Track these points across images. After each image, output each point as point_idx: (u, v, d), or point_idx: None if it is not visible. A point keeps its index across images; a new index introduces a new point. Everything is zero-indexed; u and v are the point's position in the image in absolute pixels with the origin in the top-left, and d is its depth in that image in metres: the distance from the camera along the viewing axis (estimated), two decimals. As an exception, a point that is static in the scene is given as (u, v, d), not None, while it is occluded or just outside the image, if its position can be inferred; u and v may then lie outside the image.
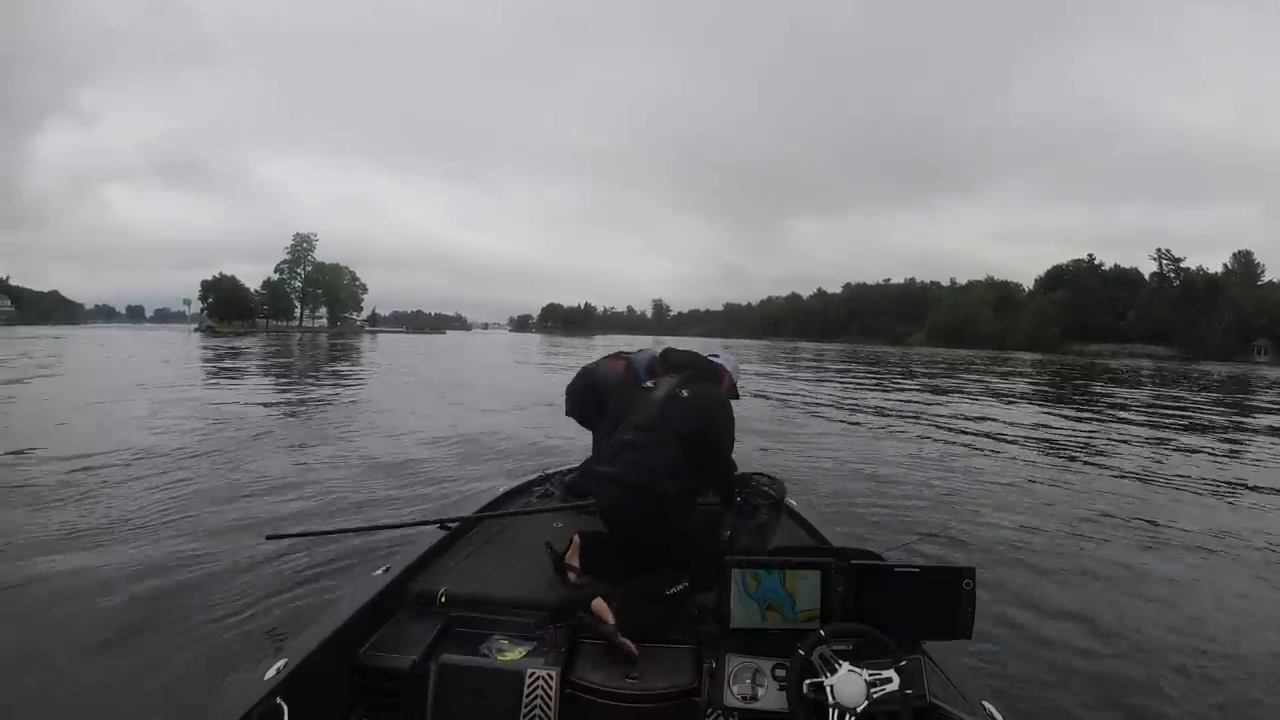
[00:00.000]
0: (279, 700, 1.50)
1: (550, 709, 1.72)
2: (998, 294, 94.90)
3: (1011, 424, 11.20)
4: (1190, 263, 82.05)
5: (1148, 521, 5.26)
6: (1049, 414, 13.27)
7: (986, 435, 9.80)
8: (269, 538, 3.07)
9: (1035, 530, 4.89)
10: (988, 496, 5.94)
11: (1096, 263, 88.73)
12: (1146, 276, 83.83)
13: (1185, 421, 12.39)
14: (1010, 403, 14.88)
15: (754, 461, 6.27)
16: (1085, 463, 7.85)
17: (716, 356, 2.77)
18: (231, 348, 32.87)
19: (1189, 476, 7.02)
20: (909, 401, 14.59)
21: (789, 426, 10.03)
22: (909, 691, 1.49)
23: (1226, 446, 9.76)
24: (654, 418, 2.35)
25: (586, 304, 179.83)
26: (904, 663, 1.52)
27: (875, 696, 1.48)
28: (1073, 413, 13.55)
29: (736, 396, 2.79)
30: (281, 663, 1.60)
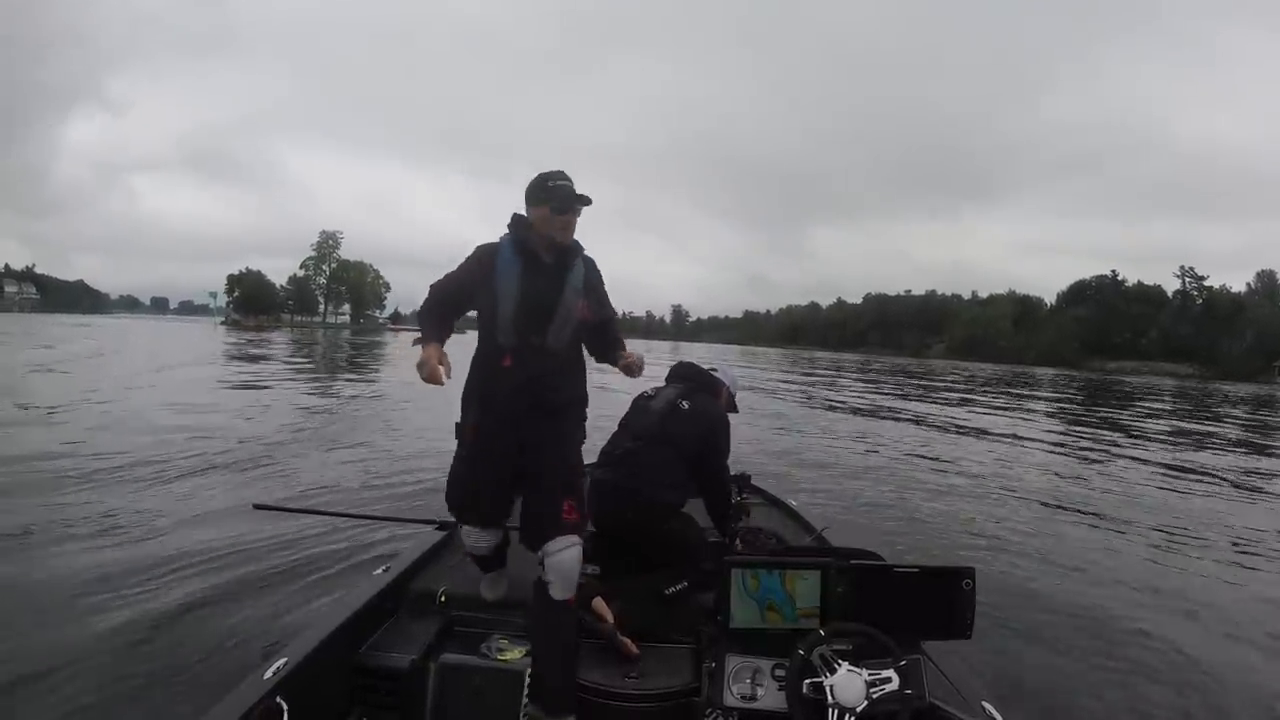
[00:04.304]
0: (279, 699, 1.50)
1: None
2: (1019, 308, 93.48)
3: (1020, 434, 11.06)
4: (1216, 280, 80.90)
5: (1154, 527, 5.21)
6: (1060, 426, 13.11)
7: (995, 444, 9.71)
8: (256, 507, 3.06)
9: (1037, 532, 4.86)
10: (990, 499, 5.91)
11: (1119, 279, 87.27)
12: (1169, 294, 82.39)
13: (1202, 437, 12.17)
14: (1022, 414, 14.68)
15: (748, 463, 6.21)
16: (1095, 473, 7.76)
17: (715, 370, 2.79)
18: (256, 340, 33.35)
19: (1203, 493, 6.89)
20: (918, 408, 14.43)
21: (792, 432, 9.99)
22: (909, 691, 1.49)
23: (1241, 459, 9.61)
24: (653, 428, 2.39)
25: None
26: (904, 663, 1.52)
27: (875, 696, 1.48)
28: (1086, 426, 13.34)
29: (735, 410, 2.81)
30: (281, 661, 1.60)
